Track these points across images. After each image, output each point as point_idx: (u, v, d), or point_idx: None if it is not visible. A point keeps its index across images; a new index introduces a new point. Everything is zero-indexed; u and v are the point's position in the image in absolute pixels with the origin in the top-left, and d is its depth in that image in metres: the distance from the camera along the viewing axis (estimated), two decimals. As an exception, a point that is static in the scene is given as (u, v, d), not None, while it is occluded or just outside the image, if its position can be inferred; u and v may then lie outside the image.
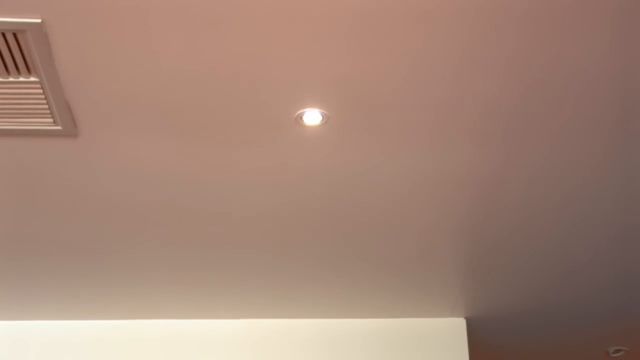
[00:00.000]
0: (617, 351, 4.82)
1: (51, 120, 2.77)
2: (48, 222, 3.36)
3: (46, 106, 2.70)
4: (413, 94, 2.72)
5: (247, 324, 4.21)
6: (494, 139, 2.95)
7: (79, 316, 4.13)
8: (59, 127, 2.80)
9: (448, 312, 4.25)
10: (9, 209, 3.27)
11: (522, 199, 3.31)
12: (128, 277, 3.80)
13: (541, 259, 3.77)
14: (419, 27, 2.45)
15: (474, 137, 2.94)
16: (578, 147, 3.01)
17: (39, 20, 2.37)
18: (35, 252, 3.57)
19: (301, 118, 2.82)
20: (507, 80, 2.67)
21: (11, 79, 2.58)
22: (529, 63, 2.60)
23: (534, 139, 2.96)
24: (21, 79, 2.58)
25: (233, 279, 3.86)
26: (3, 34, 2.40)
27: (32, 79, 2.59)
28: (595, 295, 4.14)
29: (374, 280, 3.91)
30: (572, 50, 2.56)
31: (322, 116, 2.81)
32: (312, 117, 2.82)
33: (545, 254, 3.73)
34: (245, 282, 3.89)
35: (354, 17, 2.40)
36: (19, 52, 2.47)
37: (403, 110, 2.79)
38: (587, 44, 2.54)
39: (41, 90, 2.63)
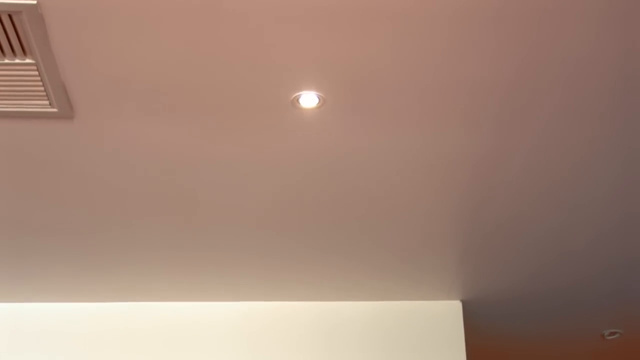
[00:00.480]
0: (612, 334, 4.83)
1: (47, 102, 2.76)
2: (44, 204, 3.36)
3: (42, 88, 2.69)
4: (409, 76, 2.71)
5: (244, 306, 4.22)
6: (487, 121, 2.95)
7: (76, 298, 4.13)
8: (54, 109, 2.80)
9: (445, 295, 4.26)
10: (5, 191, 3.26)
11: (518, 182, 3.31)
12: (124, 259, 3.80)
13: (538, 243, 3.77)
14: (413, 9, 2.44)
15: (468, 120, 2.94)
16: (573, 129, 3.01)
17: (35, 2, 2.36)
18: (31, 234, 3.57)
19: (297, 101, 2.81)
20: (500, 62, 2.66)
21: (6, 61, 2.57)
22: (522, 45, 2.59)
23: (528, 121, 2.96)
24: (17, 60, 2.57)
25: (230, 261, 3.86)
26: (-2, 16, 2.40)
27: (27, 60, 2.58)
28: (591, 280, 4.15)
29: (370, 262, 3.92)
30: (566, 31, 2.55)
31: (319, 99, 2.81)
32: (309, 99, 2.81)
33: (542, 238, 3.73)
34: (242, 265, 3.90)
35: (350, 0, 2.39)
36: (14, 33, 2.46)
37: (399, 93, 2.79)
38: (581, 26, 2.53)
39: (37, 72, 2.62)
